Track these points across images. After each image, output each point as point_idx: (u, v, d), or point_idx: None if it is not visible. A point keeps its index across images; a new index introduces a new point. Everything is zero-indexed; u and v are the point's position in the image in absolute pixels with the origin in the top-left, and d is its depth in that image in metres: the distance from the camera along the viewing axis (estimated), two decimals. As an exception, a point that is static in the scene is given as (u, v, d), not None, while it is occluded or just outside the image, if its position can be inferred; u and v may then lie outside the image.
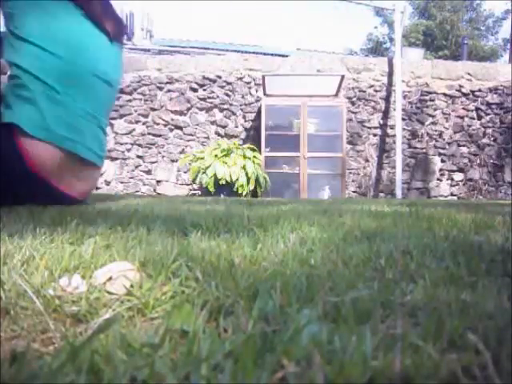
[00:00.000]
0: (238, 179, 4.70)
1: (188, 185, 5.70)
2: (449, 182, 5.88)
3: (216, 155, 4.89)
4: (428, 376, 0.34)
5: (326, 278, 0.62)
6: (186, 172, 5.62)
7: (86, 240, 0.90)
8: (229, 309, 0.52)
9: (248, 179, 4.76)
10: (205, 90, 5.75)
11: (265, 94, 5.51)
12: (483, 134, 5.86)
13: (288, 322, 0.45)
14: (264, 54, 7.86)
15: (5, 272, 0.62)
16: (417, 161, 5.87)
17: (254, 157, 5.00)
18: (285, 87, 5.44)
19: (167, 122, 5.72)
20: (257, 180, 4.85)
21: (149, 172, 5.73)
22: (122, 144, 5.70)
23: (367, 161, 5.83)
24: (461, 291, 0.57)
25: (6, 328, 0.47)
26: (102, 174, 5.48)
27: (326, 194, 5.31)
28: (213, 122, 5.76)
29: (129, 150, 5.72)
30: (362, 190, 5.83)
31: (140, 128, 5.72)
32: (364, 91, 5.82)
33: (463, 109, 5.87)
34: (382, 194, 5.86)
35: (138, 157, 5.72)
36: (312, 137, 5.28)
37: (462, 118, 5.87)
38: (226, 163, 4.79)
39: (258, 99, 5.68)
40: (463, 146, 5.87)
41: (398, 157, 5.62)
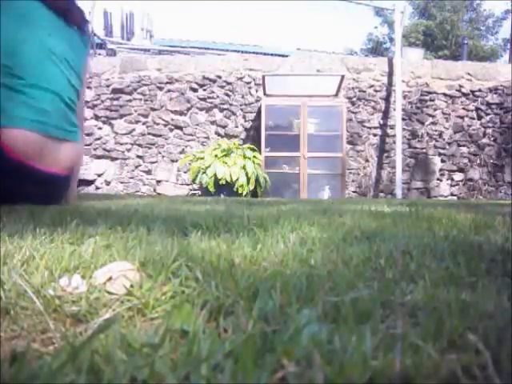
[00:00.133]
0: (238, 179, 4.70)
1: (188, 185, 5.70)
2: (449, 182, 5.88)
3: (216, 155, 4.90)
4: (428, 376, 0.34)
5: (325, 278, 0.62)
6: (186, 172, 5.62)
7: (86, 240, 0.90)
8: (229, 309, 0.52)
9: (248, 179, 4.76)
10: (205, 90, 5.75)
11: (265, 94, 5.51)
12: (483, 134, 5.86)
13: (288, 321, 0.45)
14: (264, 54, 7.87)
15: (5, 272, 0.62)
16: (417, 161, 5.87)
17: (254, 157, 5.00)
18: (285, 87, 5.44)
19: (167, 122, 5.72)
20: (257, 180, 4.85)
21: (149, 172, 5.73)
22: (122, 144, 5.70)
23: (367, 161, 5.83)
24: (461, 291, 0.57)
25: (6, 328, 0.47)
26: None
27: (326, 194, 5.31)
28: (213, 122, 5.76)
29: (129, 150, 5.72)
30: (362, 190, 5.83)
31: (140, 128, 5.73)
32: (364, 91, 5.82)
33: (463, 109, 5.86)
34: (382, 194, 5.86)
35: (138, 157, 5.73)
36: (312, 137, 5.28)
37: (461, 118, 5.87)
38: (226, 163, 4.79)
39: (258, 99, 5.68)
40: (463, 146, 5.87)
41: (398, 157, 5.62)
